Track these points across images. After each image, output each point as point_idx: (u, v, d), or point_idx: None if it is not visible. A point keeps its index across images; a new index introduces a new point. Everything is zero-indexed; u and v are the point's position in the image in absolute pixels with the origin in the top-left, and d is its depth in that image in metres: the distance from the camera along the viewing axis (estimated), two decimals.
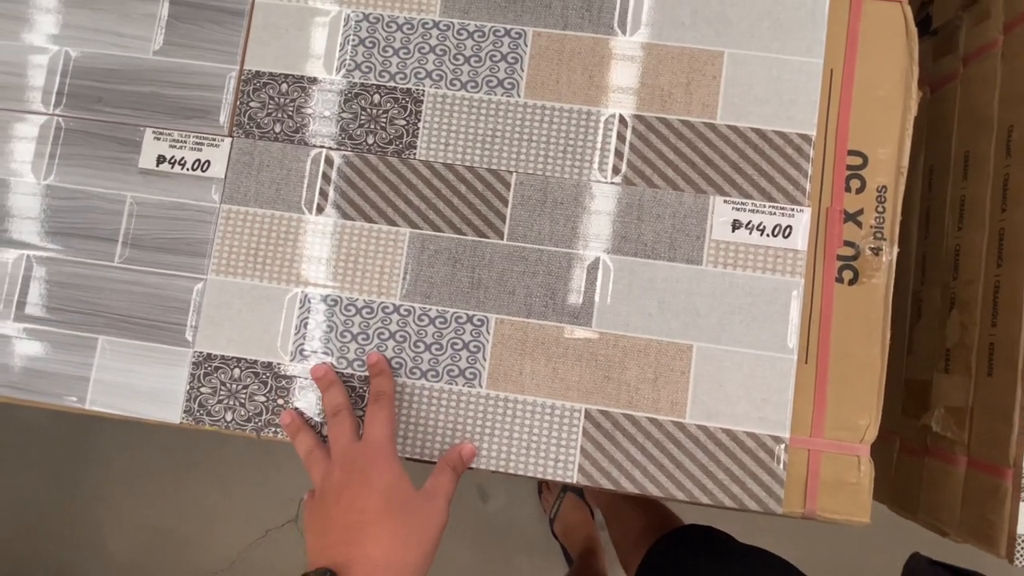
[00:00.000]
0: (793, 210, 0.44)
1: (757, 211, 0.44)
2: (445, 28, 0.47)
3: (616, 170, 0.45)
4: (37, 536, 1.24)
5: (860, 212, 0.45)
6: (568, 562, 1.12)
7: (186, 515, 1.22)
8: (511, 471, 0.43)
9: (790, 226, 0.44)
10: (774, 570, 0.53)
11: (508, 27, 0.46)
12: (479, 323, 0.44)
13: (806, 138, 0.45)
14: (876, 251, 0.44)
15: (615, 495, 0.96)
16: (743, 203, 0.44)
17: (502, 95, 0.46)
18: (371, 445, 0.40)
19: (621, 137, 0.45)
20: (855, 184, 0.45)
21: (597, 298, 0.44)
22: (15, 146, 0.48)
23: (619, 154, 0.45)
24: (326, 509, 0.39)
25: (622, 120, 0.45)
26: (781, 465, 0.42)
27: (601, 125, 0.45)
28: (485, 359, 0.44)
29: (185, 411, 0.45)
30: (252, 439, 0.44)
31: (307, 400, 0.45)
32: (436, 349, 0.44)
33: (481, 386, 0.44)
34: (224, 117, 0.47)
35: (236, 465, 1.21)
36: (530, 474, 0.43)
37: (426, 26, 0.47)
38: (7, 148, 0.48)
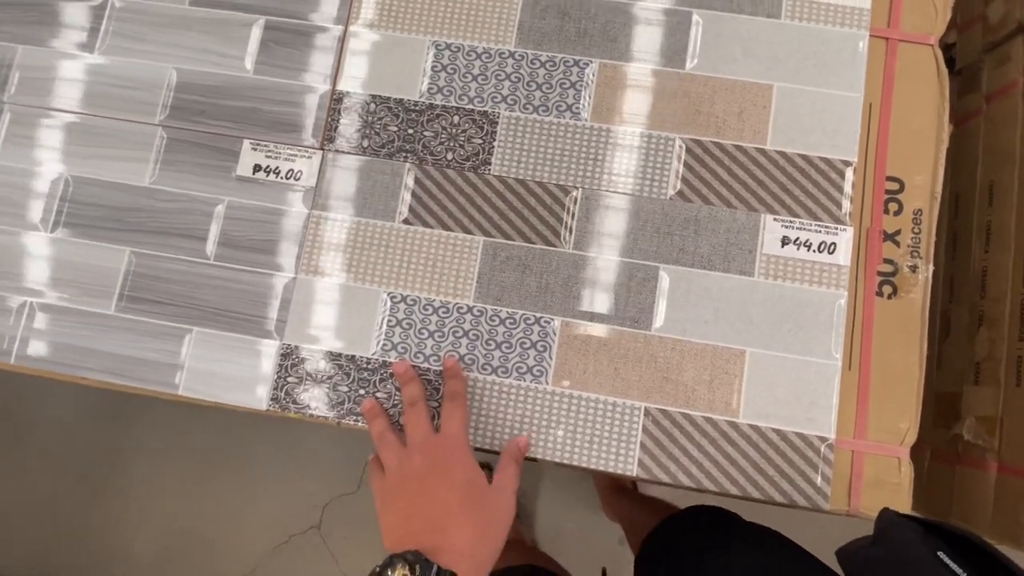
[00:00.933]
0: (837, 229, 0.48)
1: (804, 229, 0.48)
2: (520, 58, 0.51)
3: (675, 188, 0.49)
4: (62, 535, 1.25)
5: (898, 232, 0.49)
6: None
7: (211, 517, 1.24)
8: (574, 463, 0.46)
9: (834, 243, 0.48)
10: (773, 544, 0.53)
11: (576, 58, 0.51)
12: (546, 324, 0.48)
13: (848, 164, 0.49)
14: (913, 268, 0.48)
15: (633, 507, 0.98)
16: (791, 221, 0.48)
17: (570, 118, 0.51)
18: (449, 438, 0.43)
19: (679, 158, 0.50)
20: (893, 207, 0.49)
21: (656, 305, 0.48)
22: (126, 152, 0.52)
23: (677, 174, 0.50)
24: (408, 495, 0.41)
25: (680, 144, 0.50)
26: (828, 464, 0.46)
27: (661, 147, 0.50)
28: (551, 358, 0.48)
29: (272, 399, 0.48)
30: (278, 444, 0.47)
31: (386, 391, 0.48)
32: (506, 347, 0.48)
33: (547, 382, 0.47)
34: (316, 132, 0.52)
35: (261, 469, 1.24)
36: (592, 466, 0.46)
37: (502, 55, 0.52)
38: (120, 154, 0.52)
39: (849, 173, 0.49)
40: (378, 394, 0.48)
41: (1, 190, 0.52)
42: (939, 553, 0.33)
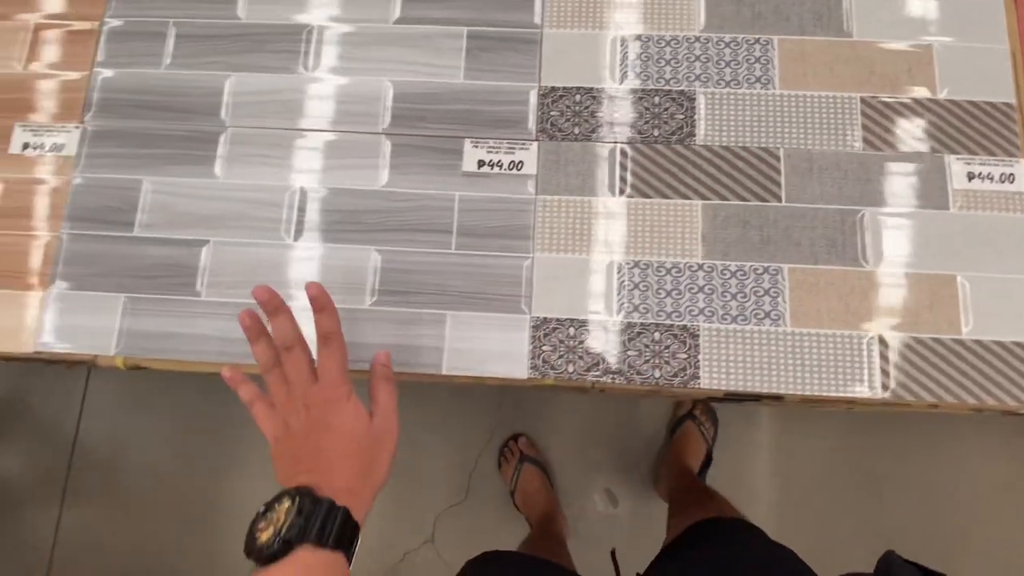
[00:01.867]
0: (1012, 161, 0.54)
1: (985, 164, 0.54)
2: (706, 41, 0.57)
3: (864, 139, 0.55)
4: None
5: None
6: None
7: None
8: (821, 394, 0.50)
9: (1012, 173, 0.54)
10: (785, 561, 0.55)
11: (756, 36, 0.57)
12: (774, 272, 0.53)
13: (1010, 105, 0.55)
14: None
15: (686, 489, 1.01)
16: (971, 158, 0.54)
17: (760, 89, 0.56)
18: (329, 387, 0.43)
19: (865, 114, 0.55)
20: None
21: (869, 243, 0.53)
22: (356, 160, 0.56)
23: (864, 127, 0.55)
24: (295, 446, 0.42)
25: (863, 101, 0.55)
26: None
27: (844, 106, 0.55)
28: (785, 302, 0.52)
29: (531, 367, 0.52)
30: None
31: (636, 349, 0.51)
32: (741, 297, 0.52)
33: (785, 324, 0.52)
34: (531, 125, 0.56)
35: None
36: (840, 394, 0.50)
37: (690, 40, 0.57)
38: (351, 163, 0.56)
39: (1013, 113, 0.55)
40: (629, 352, 0.52)
41: (242, 206, 0.56)
42: None
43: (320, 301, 0.43)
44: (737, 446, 1.26)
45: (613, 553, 0.73)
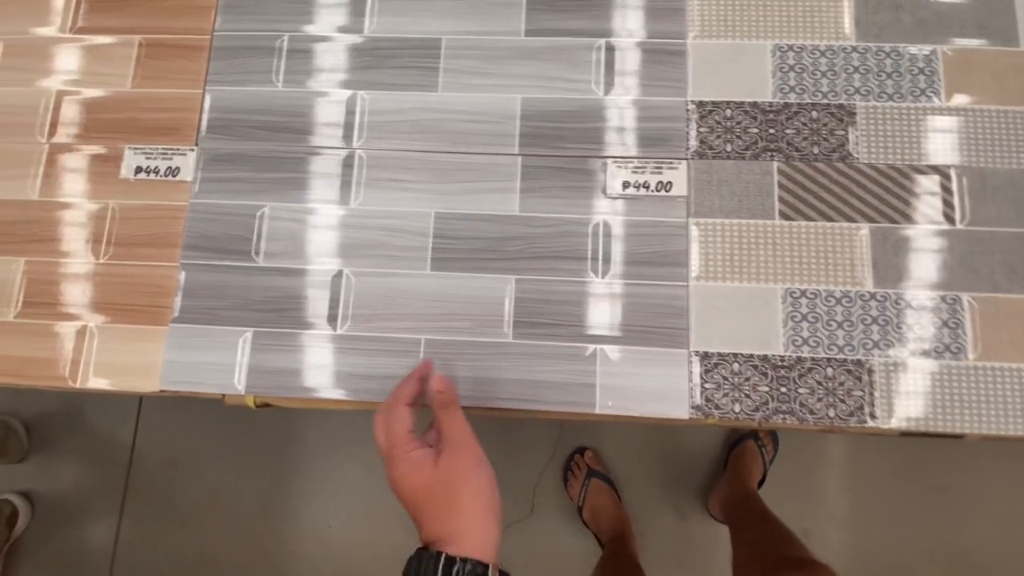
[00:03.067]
0: None
1: None
2: (863, 51, 0.53)
3: None
4: None
5: None
6: (601, 548, 1.13)
7: (385, 561, 1.21)
8: (1007, 433, 0.47)
9: None
10: None
11: (919, 46, 0.53)
12: (951, 302, 0.49)
13: None
14: None
15: (755, 514, 0.97)
16: None
17: (925, 102, 0.52)
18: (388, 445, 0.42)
19: None
20: None
21: None
22: (489, 184, 0.53)
23: None
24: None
25: None
26: None
27: (1022, 120, 0.51)
28: (965, 333, 0.48)
29: (693, 407, 0.48)
30: None
31: (807, 387, 0.48)
32: (918, 328, 0.49)
33: (967, 358, 0.48)
34: (678, 143, 0.53)
35: None
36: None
37: (846, 51, 0.53)
38: (484, 186, 0.53)
39: None
40: (800, 390, 0.48)
41: (373, 234, 0.53)
42: None
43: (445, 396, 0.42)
44: (803, 458, 1.23)
45: None
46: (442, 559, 0.36)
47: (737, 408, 0.48)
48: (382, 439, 0.42)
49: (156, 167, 0.54)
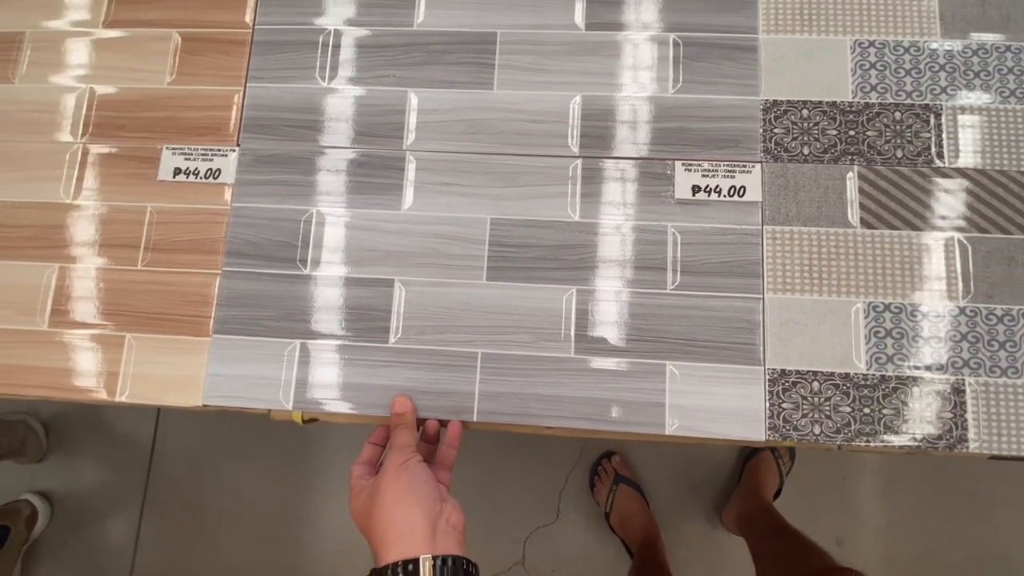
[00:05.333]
0: None
1: None
2: (949, 48, 0.50)
3: None
4: None
5: None
6: (630, 556, 1.10)
7: None
8: None
9: None
10: None
11: (1008, 43, 0.50)
12: None
13: None
14: None
15: (774, 527, 0.94)
16: None
17: (1015, 103, 0.49)
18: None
19: None
20: None
21: None
22: (544, 188, 0.50)
23: None
24: None
25: None
26: None
27: None
28: None
29: (770, 428, 0.45)
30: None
31: (892, 408, 0.45)
32: (1011, 346, 0.46)
33: None
34: (752, 144, 0.49)
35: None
36: None
37: (931, 48, 0.50)
38: (538, 191, 0.50)
39: None
40: (884, 411, 0.45)
41: (426, 241, 0.50)
42: None
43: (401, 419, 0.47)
44: (833, 465, 1.20)
45: None
46: None
47: (817, 430, 0.45)
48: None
49: (196, 168, 0.51)
